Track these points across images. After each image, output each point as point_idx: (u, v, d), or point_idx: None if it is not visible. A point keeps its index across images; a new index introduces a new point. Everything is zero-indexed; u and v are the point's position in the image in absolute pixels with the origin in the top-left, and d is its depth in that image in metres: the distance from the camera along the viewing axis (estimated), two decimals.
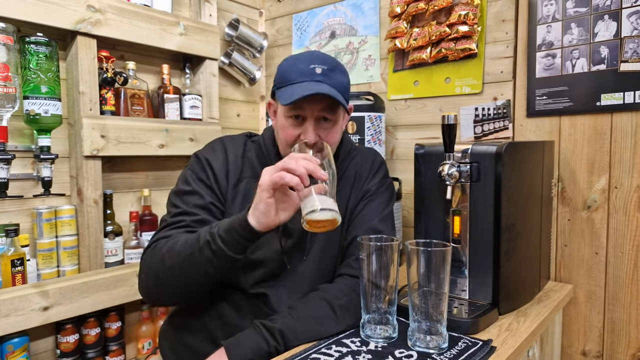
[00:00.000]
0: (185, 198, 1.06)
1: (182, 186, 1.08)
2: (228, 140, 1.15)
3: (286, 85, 1.00)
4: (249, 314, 1.03)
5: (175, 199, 1.07)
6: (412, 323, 0.90)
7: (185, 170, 1.11)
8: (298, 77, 0.99)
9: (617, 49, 1.30)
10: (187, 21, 1.76)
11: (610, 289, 1.35)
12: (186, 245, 0.94)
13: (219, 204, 1.06)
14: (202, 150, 1.14)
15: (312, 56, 1.03)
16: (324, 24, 2.03)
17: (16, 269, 1.32)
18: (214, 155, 1.10)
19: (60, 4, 1.39)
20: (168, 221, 1.04)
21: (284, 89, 1.00)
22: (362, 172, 1.16)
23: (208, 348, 0.93)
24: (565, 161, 1.41)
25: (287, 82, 1.00)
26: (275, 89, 1.05)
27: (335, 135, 1.07)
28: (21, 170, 1.44)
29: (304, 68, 1.00)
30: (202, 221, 1.03)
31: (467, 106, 1.60)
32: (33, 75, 1.38)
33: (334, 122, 1.04)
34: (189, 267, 0.94)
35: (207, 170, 1.08)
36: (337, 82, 1.00)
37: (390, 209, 1.15)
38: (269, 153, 1.11)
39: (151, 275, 1.00)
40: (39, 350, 1.48)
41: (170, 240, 0.98)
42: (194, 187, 1.06)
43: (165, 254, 0.96)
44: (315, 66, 1.00)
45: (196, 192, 1.05)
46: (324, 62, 1.01)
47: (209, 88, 1.88)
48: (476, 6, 1.53)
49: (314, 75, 0.99)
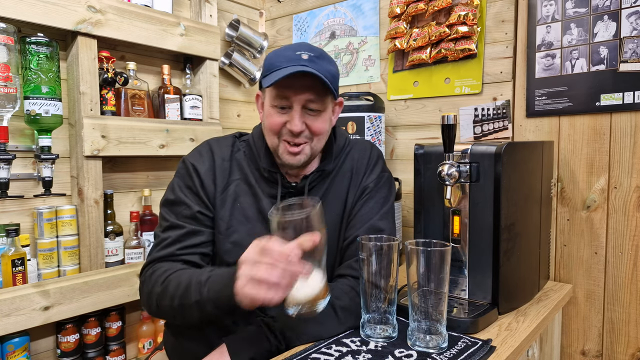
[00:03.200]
0: (173, 209, 1.06)
1: (170, 196, 1.08)
2: (215, 144, 1.13)
3: (272, 72, 0.98)
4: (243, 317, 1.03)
5: (164, 210, 1.08)
6: (412, 323, 0.91)
7: (174, 178, 1.11)
8: (283, 63, 0.97)
9: (616, 49, 1.30)
10: (187, 22, 1.76)
11: (610, 289, 1.35)
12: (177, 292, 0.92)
13: (206, 211, 1.06)
14: (190, 155, 1.12)
15: (300, 45, 1.02)
16: (324, 25, 2.03)
17: (17, 269, 1.33)
18: (200, 160, 1.08)
19: (60, 4, 1.39)
20: (160, 237, 1.05)
21: (269, 76, 0.99)
22: (359, 168, 1.13)
23: (205, 351, 0.93)
24: (565, 161, 1.42)
25: (273, 69, 0.98)
26: (261, 78, 1.03)
27: (323, 125, 1.03)
28: (22, 170, 1.44)
29: (290, 54, 0.98)
30: (191, 233, 1.03)
31: (466, 106, 1.60)
32: (34, 75, 1.38)
33: (321, 111, 1.02)
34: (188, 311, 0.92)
35: (194, 176, 1.07)
36: (324, 69, 0.97)
37: (390, 204, 1.13)
38: (259, 151, 1.09)
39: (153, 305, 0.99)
40: (40, 350, 1.48)
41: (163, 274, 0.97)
42: (181, 197, 1.06)
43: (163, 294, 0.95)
44: (301, 52, 0.98)
45: (183, 203, 1.05)
46: (310, 50, 1.00)
47: (210, 88, 1.88)
48: (476, 7, 1.53)
49: (300, 61, 0.97)
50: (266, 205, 1.06)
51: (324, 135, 1.06)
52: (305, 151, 1.03)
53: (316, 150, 1.06)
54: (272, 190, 1.08)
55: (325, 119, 1.04)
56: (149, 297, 0.99)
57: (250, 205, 1.07)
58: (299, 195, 1.09)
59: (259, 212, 1.06)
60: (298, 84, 0.96)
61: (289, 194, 1.08)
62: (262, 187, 1.08)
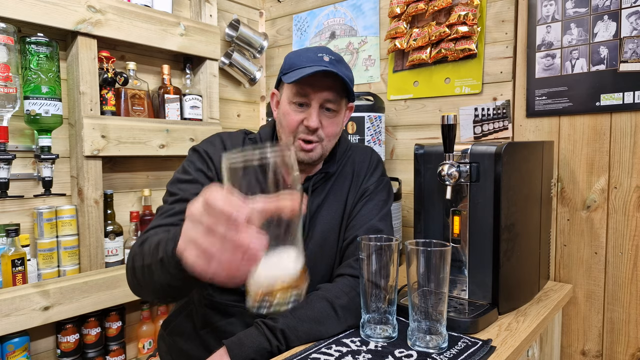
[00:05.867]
0: (183, 186, 1.01)
1: (181, 175, 1.04)
2: (226, 136, 1.14)
3: (293, 70, 1.01)
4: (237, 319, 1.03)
5: (172, 187, 1.03)
6: (412, 323, 0.91)
7: (184, 162, 1.08)
8: (305, 63, 1.00)
9: (616, 49, 1.30)
10: (187, 22, 1.76)
11: (610, 289, 1.35)
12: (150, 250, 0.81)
13: None
14: (200, 144, 1.11)
15: (320, 48, 1.05)
16: (324, 25, 2.03)
17: (17, 269, 1.32)
18: (213, 147, 1.08)
19: (60, 4, 1.39)
20: (164, 208, 0.99)
21: (290, 73, 1.01)
22: (359, 171, 1.16)
23: (202, 354, 0.93)
24: (565, 161, 1.42)
25: (295, 67, 1.01)
26: (281, 75, 1.05)
27: (336, 127, 1.07)
28: (22, 170, 1.44)
29: (312, 56, 1.01)
30: None
31: (466, 106, 1.60)
32: (34, 75, 1.38)
33: (337, 112, 1.06)
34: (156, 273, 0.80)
35: (207, 159, 1.06)
36: (343, 73, 1.00)
37: (388, 207, 1.15)
38: None
39: (129, 270, 0.90)
40: (40, 350, 1.48)
41: (147, 235, 0.90)
42: (194, 176, 1.03)
43: (140, 253, 0.86)
44: (323, 54, 1.02)
45: (196, 181, 1.02)
46: (331, 53, 1.03)
47: (210, 88, 1.88)
48: (476, 7, 1.53)
49: (322, 62, 1.00)
50: None
51: (335, 137, 1.09)
52: (317, 150, 1.06)
53: (326, 151, 1.09)
54: None
55: (338, 122, 1.08)
56: (129, 260, 0.89)
57: None
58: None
59: None
60: (319, 83, 0.99)
61: None
62: None
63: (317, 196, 1.11)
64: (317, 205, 1.11)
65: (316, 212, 1.10)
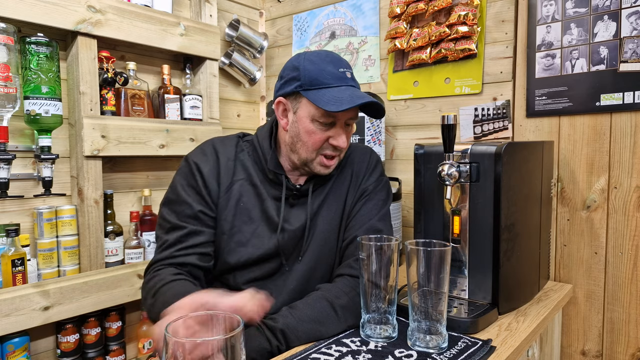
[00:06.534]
0: (174, 208, 1.06)
1: (171, 195, 1.08)
2: (219, 143, 1.12)
3: (322, 88, 1.00)
4: None
5: (165, 210, 1.07)
6: (412, 323, 0.91)
7: (175, 176, 1.10)
8: (332, 81, 1.00)
9: (616, 49, 1.30)
10: (187, 22, 1.76)
11: (610, 289, 1.35)
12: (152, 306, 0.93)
13: (208, 211, 1.06)
14: (193, 153, 1.11)
15: (334, 58, 1.04)
16: (324, 25, 2.03)
17: (17, 269, 1.32)
18: (204, 159, 1.08)
19: (60, 4, 1.39)
20: (162, 239, 1.05)
21: (320, 92, 0.99)
22: (358, 171, 1.16)
23: None
24: (565, 161, 1.42)
25: (322, 85, 1.00)
26: (302, 90, 1.01)
27: (351, 138, 1.12)
28: (22, 170, 1.44)
29: (334, 72, 1.01)
30: (192, 233, 1.03)
31: (466, 106, 1.60)
32: (34, 75, 1.38)
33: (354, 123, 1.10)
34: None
35: (197, 175, 1.06)
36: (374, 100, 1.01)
37: (387, 207, 1.16)
38: (265, 155, 1.09)
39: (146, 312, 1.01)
40: (40, 350, 1.48)
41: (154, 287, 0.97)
42: (183, 196, 1.05)
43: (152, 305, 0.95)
44: (344, 70, 1.03)
45: (184, 202, 1.05)
46: (347, 67, 1.05)
47: (210, 88, 1.88)
48: (476, 7, 1.53)
49: (346, 80, 1.02)
50: (270, 206, 1.08)
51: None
52: (335, 163, 1.09)
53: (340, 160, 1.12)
54: (276, 191, 1.09)
55: (352, 131, 1.12)
56: (144, 304, 1.00)
57: (254, 205, 1.08)
58: (303, 197, 1.10)
59: (262, 212, 1.08)
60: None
61: (292, 196, 1.10)
62: (266, 188, 1.09)
63: (317, 197, 1.11)
64: (317, 205, 1.11)
65: (316, 212, 1.11)
